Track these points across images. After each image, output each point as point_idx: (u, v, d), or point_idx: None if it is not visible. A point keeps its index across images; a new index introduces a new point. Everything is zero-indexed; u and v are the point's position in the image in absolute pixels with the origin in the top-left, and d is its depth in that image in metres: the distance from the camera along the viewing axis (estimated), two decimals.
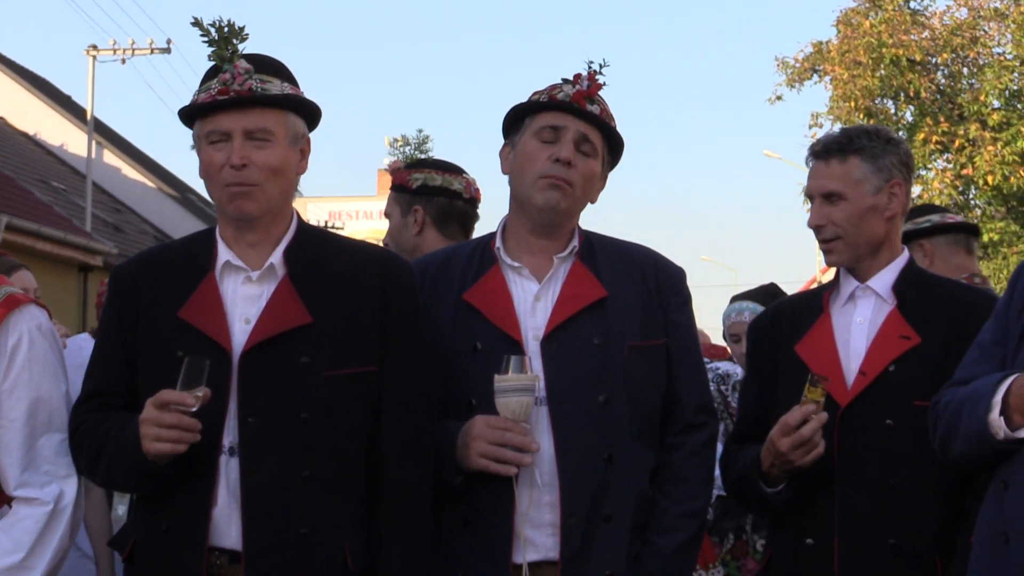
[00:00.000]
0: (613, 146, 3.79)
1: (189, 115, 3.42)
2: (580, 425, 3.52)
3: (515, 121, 3.75)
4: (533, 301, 3.64)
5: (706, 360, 6.33)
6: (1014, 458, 3.08)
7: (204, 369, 3.16)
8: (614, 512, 3.52)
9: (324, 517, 3.30)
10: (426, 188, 4.88)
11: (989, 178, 24.82)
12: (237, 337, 3.34)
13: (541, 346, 3.57)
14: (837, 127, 26.29)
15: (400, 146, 43.31)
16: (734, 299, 5.93)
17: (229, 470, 3.30)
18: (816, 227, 3.79)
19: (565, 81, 3.73)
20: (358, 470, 3.38)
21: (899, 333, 3.67)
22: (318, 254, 3.45)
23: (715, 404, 5.84)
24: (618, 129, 3.78)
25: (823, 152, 3.81)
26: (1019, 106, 25.33)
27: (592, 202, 3.76)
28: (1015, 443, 3.06)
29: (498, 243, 3.73)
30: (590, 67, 3.75)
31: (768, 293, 5.77)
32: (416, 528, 3.37)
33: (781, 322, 3.92)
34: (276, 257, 3.40)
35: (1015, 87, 25.48)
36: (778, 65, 28.47)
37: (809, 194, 3.85)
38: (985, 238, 25.21)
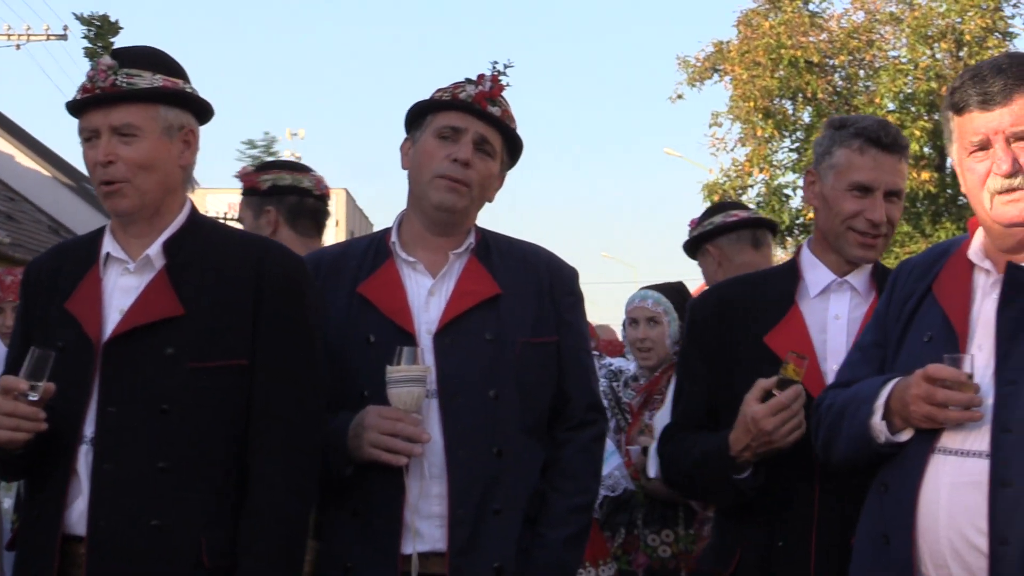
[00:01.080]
0: (512, 147, 3.81)
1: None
2: (471, 419, 3.54)
3: (417, 118, 3.77)
4: (427, 295, 3.66)
5: (600, 355, 6.37)
6: (894, 461, 3.12)
7: (48, 361, 3.15)
8: (503, 505, 3.54)
9: (180, 510, 3.24)
10: (276, 188, 4.97)
11: None
12: (108, 328, 3.33)
13: (434, 340, 3.58)
14: (737, 126, 26.65)
15: (248, 149, 42.98)
16: (642, 288, 5.98)
17: (87, 460, 3.28)
18: (879, 222, 3.69)
19: (468, 81, 3.75)
20: (223, 464, 3.32)
21: None
22: (201, 246, 3.43)
23: (607, 400, 5.88)
24: (518, 131, 3.81)
25: (893, 146, 3.72)
26: (913, 109, 25.79)
27: (489, 200, 3.79)
28: (895, 446, 3.10)
29: (394, 238, 3.74)
30: (494, 68, 3.78)
31: (675, 290, 5.81)
32: (276, 531, 3.30)
33: (733, 308, 3.81)
34: (154, 249, 3.38)
35: (909, 90, 25.96)
36: (679, 64, 28.78)
37: (872, 186, 3.68)
38: None
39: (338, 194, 54.27)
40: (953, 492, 2.96)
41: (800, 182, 27.61)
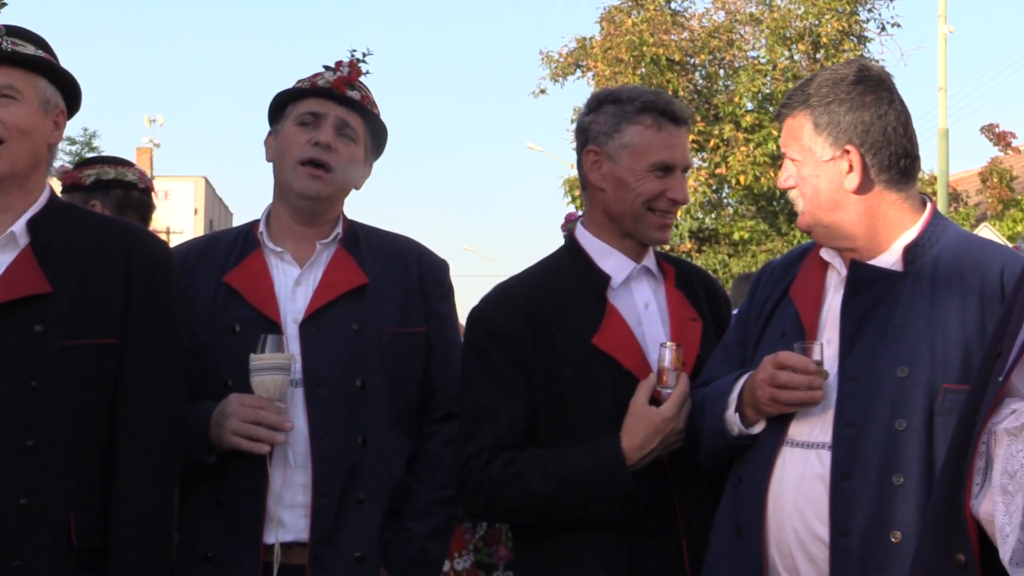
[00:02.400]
0: (376, 134, 3.80)
1: None
2: (335, 408, 3.52)
3: (278, 109, 3.76)
4: (294, 285, 3.64)
5: None
6: (747, 455, 3.19)
7: None
8: (367, 495, 3.52)
9: (48, 488, 3.18)
10: (101, 183, 4.96)
11: (741, 178, 25.65)
12: None
13: (300, 329, 3.56)
14: None
15: (69, 145, 42.35)
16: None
17: None
18: (683, 200, 3.58)
19: (327, 68, 3.76)
20: (91, 443, 3.27)
21: (688, 316, 3.57)
22: (66, 226, 3.36)
23: None
24: (381, 118, 3.80)
25: (683, 119, 3.59)
26: (771, 109, 26.18)
27: (357, 188, 3.77)
28: (749, 439, 3.18)
29: (261, 228, 3.72)
30: (352, 54, 3.79)
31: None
32: (146, 510, 3.25)
33: (542, 312, 3.48)
34: (19, 226, 3.30)
35: (768, 90, 26.39)
36: (543, 59, 28.89)
37: (674, 164, 3.52)
38: (736, 236, 26.10)
39: (197, 182, 53.55)
40: (799, 484, 3.05)
41: None
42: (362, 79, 3.79)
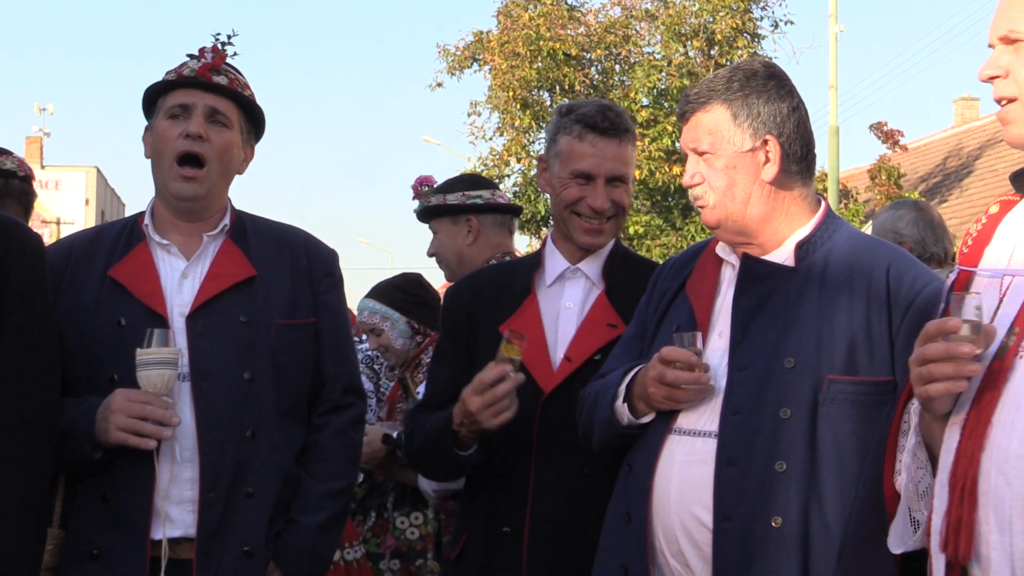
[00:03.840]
0: (253, 115, 3.76)
1: None
2: (223, 401, 3.50)
3: (150, 104, 3.72)
4: (180, 278, 3.60)
5: (360, 340, 6.34)
6: (637, 444, 3.26)
7: None
8: (256, 489, 3.51)
9: None
10: None
11: (636, 172, 25.76)
12: None
13: (187, 322, 3.53)
14: (495, 116, 26.88)
15: None
16: (366, 295, 5.98)
17: None
18: (601, 209, 3.73)
19: (191, 57, 3.71)
20: None
21: (606, 321, 3.68)
22: None
23: (370, 384, 5.86)
24: (255, 99, 3.76)
25: (611, 130, 3.72)
26: (666, 104, 26.41)
27: (239, 173, 3.75)
28: (638, 429, 3.25)
29: (147, 220, 3.68)
30: (216, 39, 3.74)
31: (395, 287, 5.83)
32: (15, 505, 3.19)
33: (481, 297, 3.85)
34: None
35: (663, 86, 26.58)
36: (440, 52, 28.84)
37: (593, 173, 3.70)
38: (631, 231, 26.26)
39: (89, 172, 52.63)
40: (684, 471, 3.12)
41: None
42: (231, 61, 3.74)
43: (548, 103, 27.85)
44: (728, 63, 25.42)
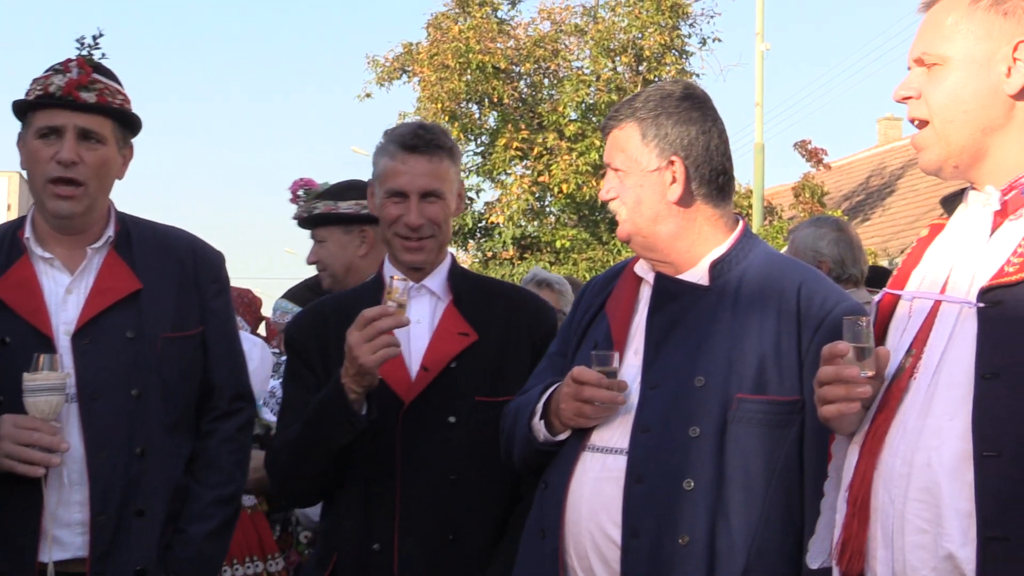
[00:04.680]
0: (127, 121, 3.69)
1: None
2: (111, 421, 3.47)
3: (21, 115, 3.64)
4: (64, 294, 3.55)
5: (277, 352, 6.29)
6: (553, 461, 3.27)
7: None
8: (146, 506, 3.49)
9: None
10: None
11: (564, 186, 25.90)
12: None
13: (72, 341, 3.49)
14: None
15: None
16: (281, 296, 5.93)
17: None
18: (415, 225, 3.72)
19: (55, 70, 3.61)
20: None
21: (458, 330, 3.70)
22: None
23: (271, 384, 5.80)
24: (128, 104, 3.68)
25: (422, 148, 3.73)
26: (594, 119, 26.52)
27: (119, 178, 3.69)
28: (555, 446, 3.26)
29: (27, 232, 3.60)
30: (80, 47, 3.66)
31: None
32: None
33: (327, 324, 3.77)
34: None
35: (591, 101, 26.69)
36: (369, 63, 28.79)
37: (405, 190, 3.70)
38: (558, 244, 26.35)
39: (11, 178, 51.97)
40: (595, 487, 3.13)
41: (484, 185, 28.27)
42: (102, 63, 3.67)
43: (477, 116, 27.90)
44: (656, 79, 25.68)
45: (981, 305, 2.41)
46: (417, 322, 3.72)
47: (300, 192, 5.24)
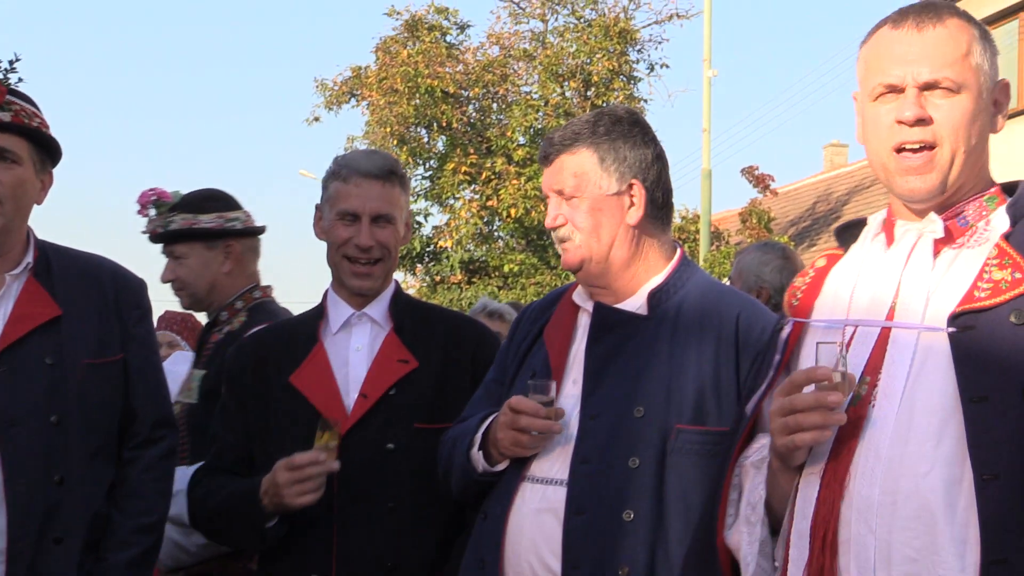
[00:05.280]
0: (44, 144, 3.64)
1: None
2: (30, 448, 3.42)
3: None
4: None
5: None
6: (491, 492, 3.25)
7: None
8: (64, 534, 3.44)
9: None
10: None
11: (512, 211, 25.95)
12: None
13: None
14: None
15: None
16: None
17: None
18: (366, 246, 3.76)
19: None
20: None
21: (397, 357, 3.70)
22: None
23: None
24: (45, 128, 3.64)
25: (376, 173, 3.77)
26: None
27: (38, 203, 3.65)
28: (493, 476, 3.24)
29: None
30: None
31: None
32: None
33: (265, 353, 3.81)
34: None
35: (539, 126, 26.78)
36: (317, 87, 28.77)
37: (358, 212, 3.74)
38: (506, 269, 26.38)
39: None
40: (535, 518, 3.12)
41: (432, 210, 28.26)
42: (18, 87, 3.62)
43: (425, 140, 27.92)
44: (605, 104, 25.79)
45: (952, 330, 2.40)
46: (357, 349, 3.74)
47: (151, 204, 4.85)
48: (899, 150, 2.50)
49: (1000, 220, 2.52)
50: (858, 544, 2.38)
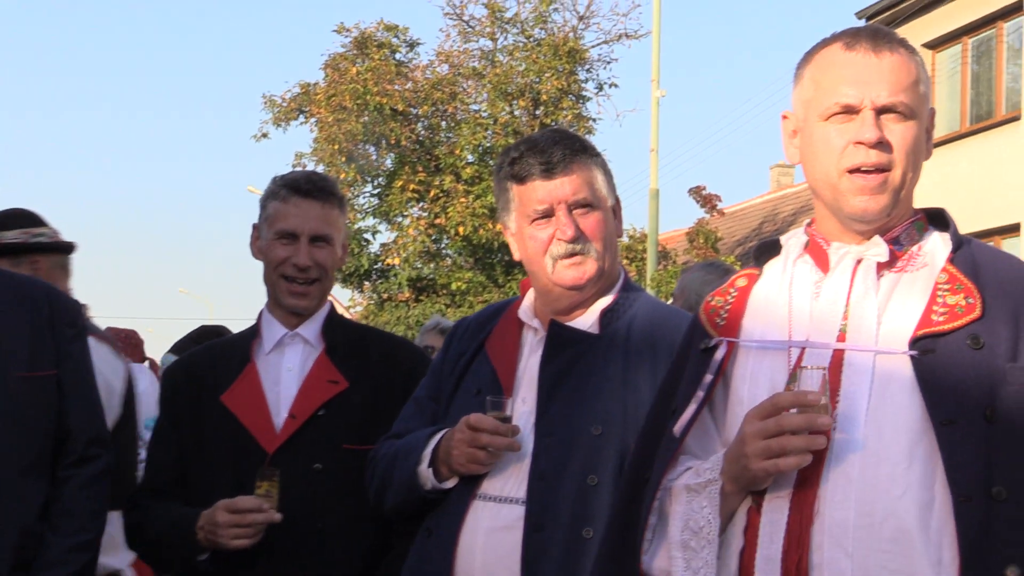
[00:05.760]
0: None
1: None
2: None
3: None
4: None
5: None
6: (439, 507, 3.22)
7: None
8: None
9: None
10: None
11: (460, 229, 25.96)
12: None
13: None
14: (321, 168, 26.76)
15: None
16: (168, 350, 5.87)
17: None
18: (304, 266, 3.75)
19: None
20: None
21: (328, 377, 3.71)
22: None
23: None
24: None
25: (314, 192, 3.77)
26: (491, 162, 26.61)
27: None
28: (441, 493, 3.21)
29: None
30: None
31: (193, 341, 5.71)
32: None
33: (200, 372, 3.81)
34: None
35: (488, 144, 26.82)
36: (265, 103, 28.66)
37: (296, 231, 3.75)
38: (454, 287, 26.37)
39: None
40: (490, 536, 3.10)
41: (380, 227, 28.20)
42: None
43: (374, 157, 27.87)
44: (554, 123, 25.84)
45: (914, 353, 2.41)
46: (289, 369, 3.75)
47: None
48: (853, 171, 2.50)
49: (935, 246, 2.56)
50: (832, 568, 2.37)
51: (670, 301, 5.74)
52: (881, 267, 2.54)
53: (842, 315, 2.53)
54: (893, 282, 2.53)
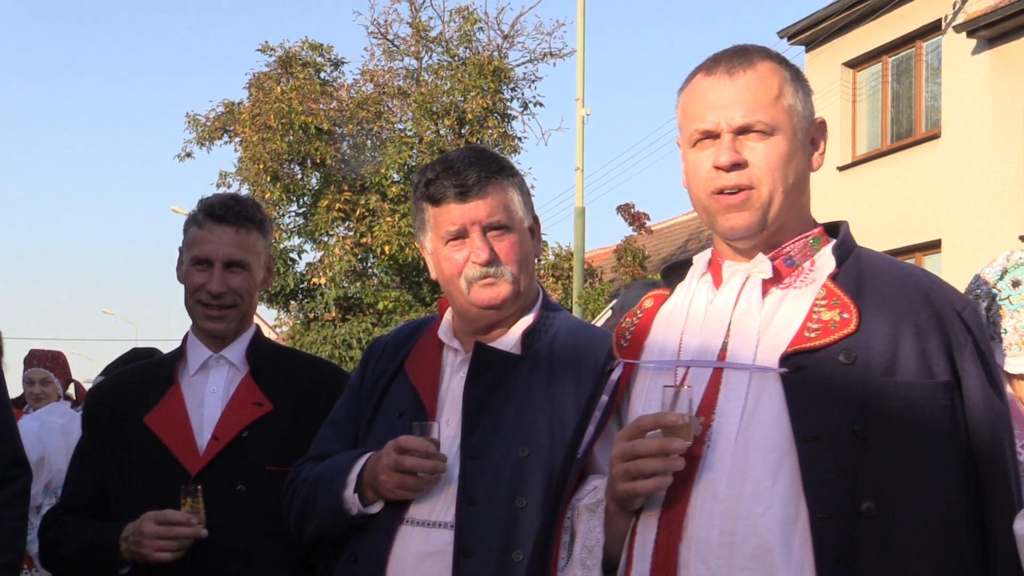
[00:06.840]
0: None
1: None
2: None
3: None
4: None
5: None
6: (364, 532, 3.18)
7: None
8: None
9: None
10: None
11: (386, 248, 25.88)
12: None
13: None
14: (245, 188, 26.60)
15: None
16: (99, 373, 5.82)
17: None
18: (217, 292, 3.77)
19: None
20: None
21: (252, 400, 3.72)
22: None
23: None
24: None
25: (228, 218, 3.77)
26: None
27: None
28: (367, 518, 3.17)
29: None
30: None
31: (122, 363, 5.66)
32: None
33: (124, 393, 3.82)
34: None
35: (414, 163, 26.76)
36: (189, 122, 28.44)
37: (209, 258, 3.76)
38: (380, 306, 26.26)
39: None
40: (419, 563, 3.07)
41: (306, 246, 28.04)
42: None
43: (299, 176, 27.73)
44: (479, 142, 25.85)
45: (784, 370, 2.43)
46: (213, 392, 3.75)
47: None
48: (718, 192, 2.55)
49: (826, 260, 2.58)
50: None
51: (602, 318, 5.76)
52: (768, 284, 2.57)
53: (725, 333, 2.56)
54: (779, 299, 2.55)
